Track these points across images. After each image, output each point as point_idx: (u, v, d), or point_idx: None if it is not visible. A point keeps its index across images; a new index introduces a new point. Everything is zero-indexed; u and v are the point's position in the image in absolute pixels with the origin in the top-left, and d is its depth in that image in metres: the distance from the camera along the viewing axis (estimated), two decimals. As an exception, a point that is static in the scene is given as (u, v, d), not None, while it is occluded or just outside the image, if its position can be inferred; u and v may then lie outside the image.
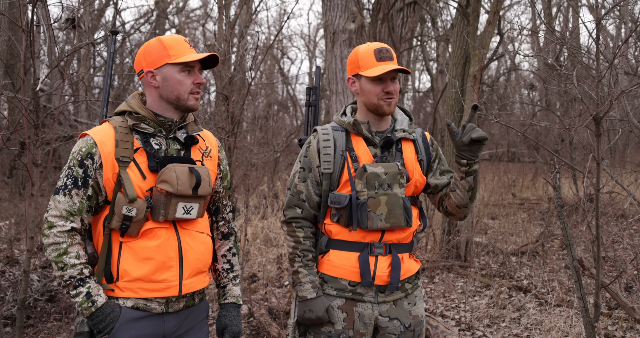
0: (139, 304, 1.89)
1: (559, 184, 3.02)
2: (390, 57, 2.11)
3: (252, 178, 9.20)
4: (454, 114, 6.64)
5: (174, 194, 1.87)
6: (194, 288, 1.99)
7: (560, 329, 4.30)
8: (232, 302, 2.15)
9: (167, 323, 1.95)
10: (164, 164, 1.91)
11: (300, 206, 2.17)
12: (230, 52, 4.27)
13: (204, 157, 2.06)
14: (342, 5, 8.37)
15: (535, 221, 9.11)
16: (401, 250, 2.16)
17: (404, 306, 2.18)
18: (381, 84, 2.12)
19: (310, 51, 21.05)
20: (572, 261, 2.98)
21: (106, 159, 1.87)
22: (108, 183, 1.88)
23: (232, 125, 4.13)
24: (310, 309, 2.10)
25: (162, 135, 1.98)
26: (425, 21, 12.80)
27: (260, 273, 5.96)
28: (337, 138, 2.16)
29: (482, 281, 5.76)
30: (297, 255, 2.16)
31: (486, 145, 17.04)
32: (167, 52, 1.94)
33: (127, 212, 1.83)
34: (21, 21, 3.04)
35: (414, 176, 2.17)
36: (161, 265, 1.89)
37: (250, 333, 4.20)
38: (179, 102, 1.95)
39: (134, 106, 1.96)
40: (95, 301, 1.83)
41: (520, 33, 10.60)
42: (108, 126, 1.95)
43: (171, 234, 1.93)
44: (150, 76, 1.96)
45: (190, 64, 1.95)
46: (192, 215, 1.95)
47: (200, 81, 1.98)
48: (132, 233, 1.86)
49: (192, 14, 18.96)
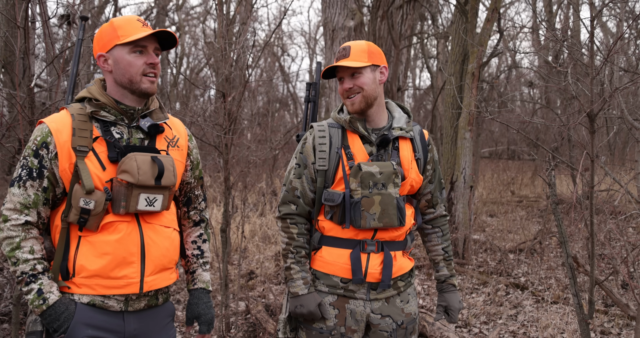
0: (96, 301, 1.79)
1: (554, 181, 3.03)
2: (344, 55, 2.09)
3: (250, 175, 9.21)
4: (452, 112, 6.65)
5: (135, 184, 1.76)
6: (157, 286, 1.89)
7: (556, 326, 4.31)
8: (202, 288, 2.07)
9: (128, 323, 1.84)
10: (125, 154, 1.80)
11: (295, 203, 2.17)
12: (227, 49, 4.27)
13: (170, 146, 1.95)
14: (341, 3, 8.36)
15: (533, 218, 9.11)
16: (394, 248, 2.16)
17: (397, 304, 2.18)
18: (342, 84, 2.13)
19: (310, 49, 21.03)
20: (566, 258, 2.99)
21: (62, 149, 1.77)
22: (65, 174, 1.78)
23: (229, 122, 4.14)
24: (302, 304, 2.10)
25: (124, 124, 1.87)
26: (425, 19, 12.78)
27: (258, 270, 5.97)
28: (333, 135, 2.15)
29: (479, 278, 5.77)
30: (290, 251, 2.15)
31: (486, 143, 17.04)
32: (116, 33, 1.82)
33: (85, 205, 1.73)
34: (17, 17, 3.04)
35: (409, 175, 2.15)
36: (121, 260, 1.79)
37: (247, 329, 4.21)
38: (132, 86, 1.84)
39: (94, 92, 1.85)
40: (46, 298, 1.73)
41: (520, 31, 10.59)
42: (65, 113, 1.84)
43: (133, 228, 1.82)
44: (103, 60, 1.85)
45: (140, 43, 1.82)
46: (156, 207, 1.84)
47: (153, 61, 1.84)
48: (91, 227, 1.76)
49: (192, 12, 18.94)
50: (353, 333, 2.12)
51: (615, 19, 12.58)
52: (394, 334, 2.14)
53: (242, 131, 9.68)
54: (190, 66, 17.36)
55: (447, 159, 6.68)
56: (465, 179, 6.39)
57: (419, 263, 6.18)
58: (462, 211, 6.41)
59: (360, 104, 2.10)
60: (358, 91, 2.09)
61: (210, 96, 11.85)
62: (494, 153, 17.31)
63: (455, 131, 6.58)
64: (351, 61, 2.07)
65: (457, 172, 6.42)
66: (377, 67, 2.14)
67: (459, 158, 6.38)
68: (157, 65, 1.87)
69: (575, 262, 4.17)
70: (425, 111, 17.04)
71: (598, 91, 3.58)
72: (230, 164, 4.29)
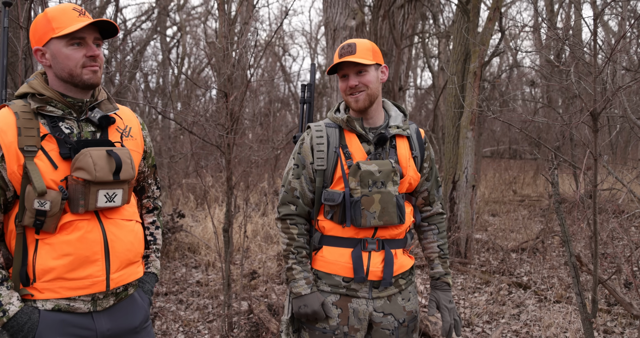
0: (61, 305, 1.71)
1: (557, 180, 3.02)
2: (350, 52, 2.08)
3: (252, 175, 9.21)
4: (454, 111, 6.64)
5: (93, 181, 1.68)
6: (124, 281, 1.83)
7: (559, 325, 4.31)
8: (154, 272, 2.06)
9: (99, 323, 1.77)
10: (78, 149, 1.70)
11: (295, 203, 2.17)
12: (229, 49, 4.27)
13: (123, 137, 1.86)
14: (343, 2, 8.36)
15: (535, 218, 9.10)
16: (394, 246, 2.16)
17: (398, 301, 2.18)
18: (346, 80, 2.12)
19: (311, 48, 21.02)
20: (569, 257, 2.99)
21: (8, 150, 1.65)
22: (14, 177, 1.66)
23: (231, 122, 4.14)
24: (305, 304, 2.10)
25: (73, 117, 1.76)
26: (426, 18, 12.78)
27: (260, 269, 5.97)
28: (330, 135, 2.15)
29: (482, 277, 5.77)
30: (291, 252, 2.16)
31: (487, 142, 17.03)
32: (51, 25, 1.70)
33: (40, 206, 1.63)
34: (19, 18, 3.05)
35: (408, 173, 2.16)
36: (83, 259, 1.71)
37: (250, 329, 4.22)
38: (74, 79, 1.72)
39: (37, 86, 1.73)
40: (6, 310, 1.64)
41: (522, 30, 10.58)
42: (7, 111, 1.71)
43: (94, 225, 1.74)
44: (40, 55, 1.74)
45: (77, 35, 1.70)
46: (117, 202, 1.76)
47: (93, 53, 1.72)
48: (48, 228, 1.67)
49: (193, 12, 18.95)
50: (356, 332, 2.12)
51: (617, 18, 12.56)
52: (396, 332, 2.15)
53: (244, 131, 9.68)
54: (191, 66, 17.37)
55: (449, 158, 6.68)
56: (468, 179, 6.39)
57: (421, 263, 6.18)
58: (464, 210, 6.40)
59: (364, 102, 2.11)
60: (363, 88, 2.09)
61: (211, 96, 11.86)
62: (496, 152, 17.29)
63: (457, 131, 6.57)
64: (359, 58, 2.07)
65: (459, 171, 6.42)
66: (379, 66, 2.15)
67: (461, 157, 6.38)
68: (98, 56, 1.75)
69: (579, 261, 4.16)
70: (427, 111, 17.03)
71: (601, 90, 3.58)
72: (232, 164, 4.30)
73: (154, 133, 12.61)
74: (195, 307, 5.04)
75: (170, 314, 4.78)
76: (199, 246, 6.99)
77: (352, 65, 2.09)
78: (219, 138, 4.38)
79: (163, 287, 5.55)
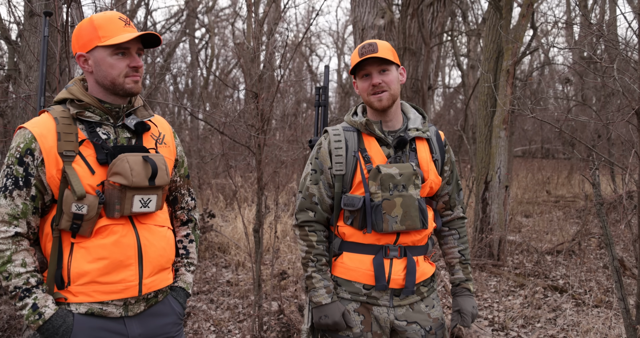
0: (94, 309, 1.72)
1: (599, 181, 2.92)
2: (373, 50, 2.02)
3: (281, 175, 9.22)
4: (486, 110, 6.51)
5: (129, 186, 1.69)
6: (155, 287, 1.83)
7: (598, 331, 4.17)
8: (182, 287, 1.99)
9: (130, 328, 1.78)
10: (115, 155, 1.73)
11: (313, 209, 2.12)
12: (259, 49, 4.27)
13: (157, 144, 1.88)
14: (371, 1, 8.30)
15: (571, 219, 8.88)
16: (416, 253, 2.11)
17: (422, 309, 2.12)
18: (369, 79, 2.06)
19: (338, 48, 20.98)
20: (612, 261, 2.88)
21: (48, 155, 1.68)
22: (53, 181, 1.70)
23: (261, 122, 4.13)
24: (326, 314, 2.05)
25: (110, 123, 1.79)
26: (455, 16, 12.61)
27: (290, 270, 5.96)
28: (348, 139, 2.10)
29: (516, 280, 5.64)
30: (310, 260, 2.10)
31: (519, 141, 16.72)
32: (97, 34, 1.72)
33: (77, 210, 1.65)
34: (56, 22, 3.09)
35: (429, 177, 2.10)
36: (117, 264, 1.72)
37: (280, 330, 4.20)
38: (115, 88, 1.76)
39: (76, 92, 1.76)
40: (42, 313, 1.66)
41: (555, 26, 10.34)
42: (47, 116, 1.74)
43: (128, 230, 1.76)
44: (83, 61, 1.77)
45: (123, 45, 1.73)
46: (151, 207, 1.78)
47: (136, 64, 1.76)
48: (84, 232, 1.69)
49: (221, 13, 19.12)
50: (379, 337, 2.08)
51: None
52: None
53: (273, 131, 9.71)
54: (219, 67, 17.53)
55: (482, 158, 6.55)
56: (500, 179, 6.26)
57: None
58: (497, 211, 6.28)
59: (387, 101, 2.06)
60: (385, 88, 2.05)
61: (239, 97, 11.93)
62: (527, 152, 16.97)
63: (490, 130, 6.45)
64: (383, 56, 2.02)
65: (491, 171, 6.29)
66: (398, 67, 2.11)
67: (493, 157, 6.25)
68: (140, 67, 1.78)
69: (622, 265, 4.02)
70: (456, 110, 16.82)
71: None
72: (262, 165, 4.29)
73: (183, 134, 12.75)
74: (226, 306, 5.06)
75: (201, 313, 4.81)
76: (229, 246, 7.03)
77: (376, 64, 2.05)
78: (248, 139, 4.38)
79: (194, 286, 5.59)
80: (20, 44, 5.90)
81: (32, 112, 3.70)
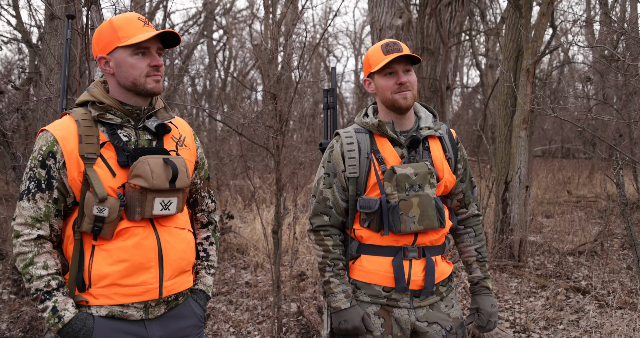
0: (114, 312, 1.73)
1: (622, 181, 2.87)
2: (399, 49, 2.02)
3: (299, 176, 9.23)
4: (506, 110, 6.44)
5: (150, 189, 1.69)
6: (176, 290, 1.83)
7: (622, 333, 4.09)
8: (202, 290, 1.97)
9: (151, 331, 1.78)
10: (135, 157, 1.73)
11: (328, 213, 2.11)
12: (277, 51, 4.28)
13: (178, 146, 1.88)
14: (388, 1, 8.27)
15: (593, 219, 8.74)
16: (434, 253, 2.09)
17: (442, 309, 2.11)
18: (393, 77, 2.05)
19: (355, 49, 20.95)
20: (637, 261, 2.83)
21: (69, 157, 1.69)
22: (74, 183, 1.70)
23: (280, 123, 4.14)
24: (345, 319, 2.03)
25: (131, 125, 1.80)
26: (474, 15, 12.50)
27: (308, 271, 5.96)
28: (361, 141, 2.09)
29: (537, 281, 5.56)
30: (327, 265, 2.09)
31: (538, 141, 16.52)
32: (117, 35, 1.73)
33: (99, 212, 1.66)
34: (76, 24, 3.13)
35: (444, 175, 2.09)
36: (138, 266, 1.73)
37: (299, 331, 4.20)
38: (137, 88, 1.76)
39: (97, 94, 1.77)
40: (62, 316, 1.66)
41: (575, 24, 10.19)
42: (69, 119, 1.75)
43: (149, 232, 1.76)
44: (104, 63, 1.78)
45: (142, 45, 1.74)
46: (171, 210, 1.78)
47: (157, 63, 1.76)
48: (105, 235, 1.69)
49: (238, 15, 19.22)
50: None
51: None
52: None
53: (291, 132, 9.73)
54: (237, 68, 17.62)
55: (502, 158, 6.48)
56: (521, 179, 6.19)
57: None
58: (518, 212, 6.20)
59: (412, 100, 2.06)
60: (410, 88, 2.04)
61: (257, 98, 11.98)
62: (547, 152, 16.75)
63: (510, 130, 6.38)
64: (411, 54, 2.03)
65: (511, 171, 6.22)
66: None
67: (513, 157, 6.18)
68: (161, 67, 1.79)
69: (645, 266, 3.95)
70: (474, 110, 16.68)
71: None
72: (281, 166, 4.29)
73: (201, 136, 12.84)
74: (245, 307, 5.08)
75: (220, 315, 4.83)
76: (248, 248, 7.05)
77: (402, 63, 2.04)
78: (267, 140, 4.39)
79: (213, 287, 5.62)
80: (41, 47, 5.99)
81: (53, 115, 3.75)
